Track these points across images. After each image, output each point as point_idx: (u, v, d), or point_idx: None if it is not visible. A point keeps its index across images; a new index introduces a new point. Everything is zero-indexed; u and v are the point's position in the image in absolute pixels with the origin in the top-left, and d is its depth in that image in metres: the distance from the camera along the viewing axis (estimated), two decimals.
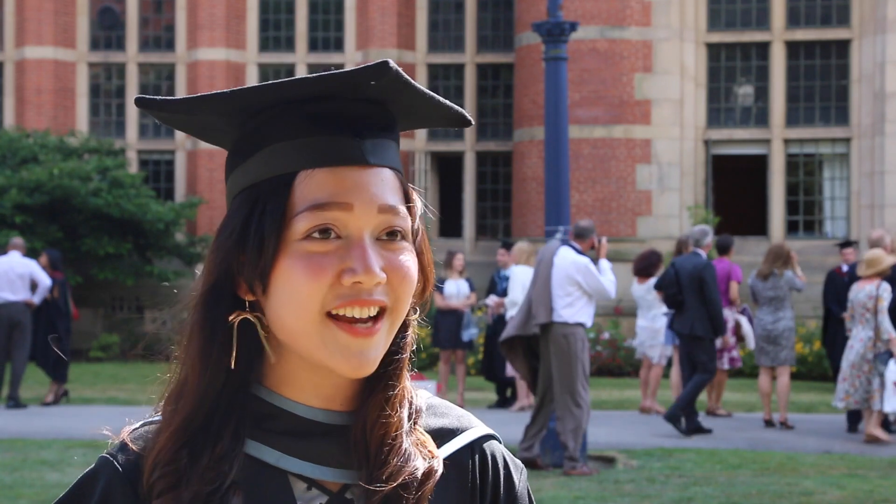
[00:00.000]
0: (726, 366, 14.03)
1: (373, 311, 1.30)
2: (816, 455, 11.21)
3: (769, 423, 13.31)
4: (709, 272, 12.38)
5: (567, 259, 10.18)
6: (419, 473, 1.34)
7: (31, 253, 18.05)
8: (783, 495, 9.09)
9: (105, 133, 24.19)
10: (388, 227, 1.32)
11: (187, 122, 1.40)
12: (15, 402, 14.61)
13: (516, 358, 10.58)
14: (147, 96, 1.35)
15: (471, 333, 15.51)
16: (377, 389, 1.36)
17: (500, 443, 1.47)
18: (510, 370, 14.61)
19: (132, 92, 24.39)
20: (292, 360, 1.35)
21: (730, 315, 13.66)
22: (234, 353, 1.33)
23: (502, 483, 1.43)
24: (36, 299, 14.81)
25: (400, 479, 1.33)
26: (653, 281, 14.34)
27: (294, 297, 1.30)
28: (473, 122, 1.45)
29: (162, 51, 24.55)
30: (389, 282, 1.31)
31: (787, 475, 9.99)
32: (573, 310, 10.12)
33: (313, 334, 1.30)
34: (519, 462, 1.48)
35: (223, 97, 1.33)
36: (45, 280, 14.81)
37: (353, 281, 1.28)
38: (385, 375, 1.36)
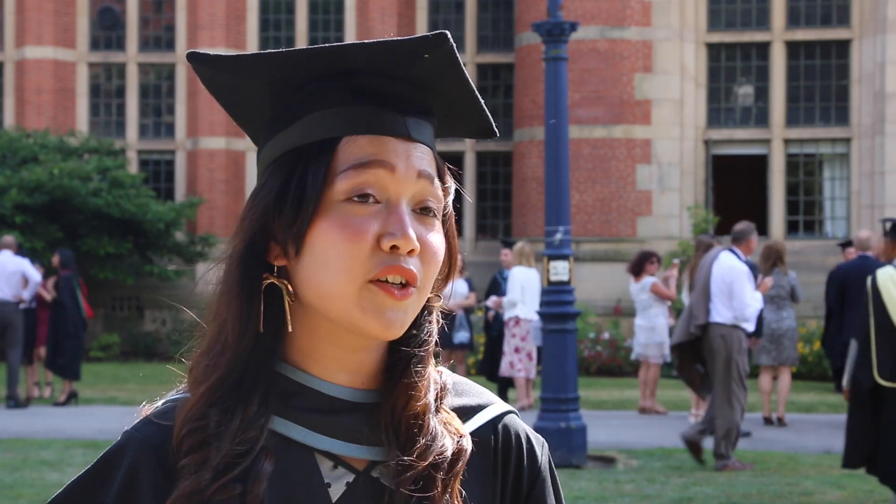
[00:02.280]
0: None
1: (403, 279, 1.31)
2: (816, 455, 11.21)
3: (768, 421, 13.34)
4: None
5: (725, 264, 10.50)
6: (448, 452, 1.35)
7: (31, 253, 18.08)
8: (783, 495, 9.09)
9: (105, 133, 24.18)
10: (424, 198, 1.34)
11: (231, 86, 1.39)
12: (15, 402, 14.61)
13: (685, 364, 10.89)
14: (200, 51, 1.36)
15: (461, 336, 15.43)
16: (406, 374, 1.36)
17: (519, 417, 1.48)
18: (505, 369, 14.61)
19: (132, 92, 24.42)
20: (316, 333, 1.35)
21: None
22: (261, 316, 1.34)
23: (525, 457, 1.45)
24: (26, 295, 14.83)
25: (430, 459, 1.34)
26: (646, 280, 14.36)
27: (333, 259, 1.31)
28: (498, 134, 1.47)
29: (162, 51, 24.54)
30: (420, 255, 1.32)
31: (787, 475, 9.99)
32: (731, 312, 10.33)
33: (349, 296, 1.30)
34: (540, 437, 1.49)
35: (276, 56, 1.34)
36: (35, 276, 14.84)
37: (390, 244, 1.30)
38: (414, 360, 1.37)
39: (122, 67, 24.47)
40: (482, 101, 1.41)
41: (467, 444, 1.37)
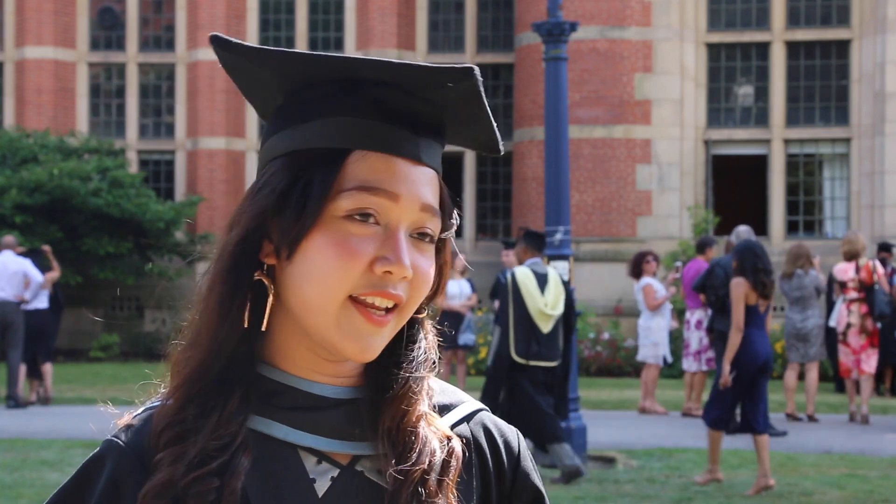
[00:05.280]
0: (704, 367, 14.08)
1: (389, 304, 1.31)
2: (816, 455, 11.21)
3: (791, 417, 13.56)
4: None
5: None
6: (438, 455, 1.36)
7: (30, 253, 18.06)
8: (783, 495, 9.09)
9: (105, 133, 24.18)
10: (422, 227, 1.33)
11: (245, 70, 1.37)
12: (15, 402, 14.61)
13: None
14: (223, 36, 1.33)
15: (467, 338, 15.42)
16: (404, 389, 1.36)
17: (490, 413, 1.48)
18: None
19: (132, 92, 24.42)
20: (295, 336, 1.35)
21: (703, 316, 13.77)
22: (245, 309, 1.33)
23: (502, 449, 1.45)
24: (28, 296, 14.83)
25: (424, 465, 1.34)
26: (644, 280, 14.36)
27: (322, 273, 1.30)
28: (502, 152, 1.45)
29: (162, 51, 24.54)
30: (411, 280, 1.32)
31: (787, 475, 9.99)
32: None
33: (331, 313, 1.30)
34: (512, 427, 1.49)
35: (298, 56, 1.32)
36: (37, 277, 14.84)
37: (384, 270, 1.29)
38: (411, 379, 1.37)
39: (122, 67, 24.47)
40: (494, 125, 1.39)
41: (457, 446, 1.38)
